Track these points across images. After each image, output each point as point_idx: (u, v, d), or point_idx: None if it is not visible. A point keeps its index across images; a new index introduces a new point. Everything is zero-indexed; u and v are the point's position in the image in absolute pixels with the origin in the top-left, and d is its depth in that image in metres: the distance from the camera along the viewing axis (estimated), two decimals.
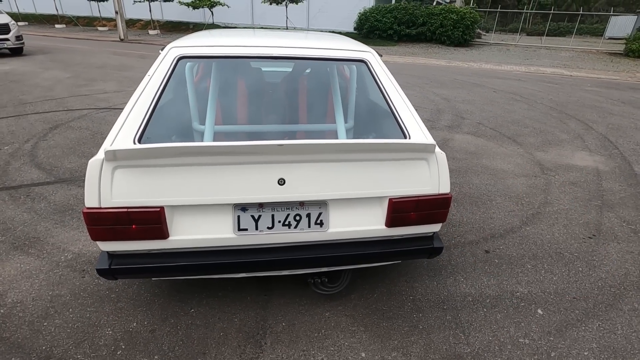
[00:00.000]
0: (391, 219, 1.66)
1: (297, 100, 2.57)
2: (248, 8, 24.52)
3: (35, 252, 2.29)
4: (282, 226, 1.61)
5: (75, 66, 9.70)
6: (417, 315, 1.91)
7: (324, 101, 2.58)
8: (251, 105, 2.51)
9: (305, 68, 2.73)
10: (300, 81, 2.62)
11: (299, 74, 2.71)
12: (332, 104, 2.39)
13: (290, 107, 2.58)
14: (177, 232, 1.56)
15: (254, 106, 2.52)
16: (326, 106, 2.58)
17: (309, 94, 2.56)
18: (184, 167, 1.47)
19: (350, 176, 1.59)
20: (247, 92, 2.52)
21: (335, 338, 1.76)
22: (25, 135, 4.35)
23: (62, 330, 1.74)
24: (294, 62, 2.70)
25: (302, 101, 2.58)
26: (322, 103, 2.58)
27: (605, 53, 17.58)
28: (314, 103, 2.57)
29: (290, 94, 2.59)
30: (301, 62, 2.51)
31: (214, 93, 2.18)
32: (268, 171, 1.51)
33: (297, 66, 2.74)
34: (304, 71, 2.72)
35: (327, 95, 2.57)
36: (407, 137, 1.70)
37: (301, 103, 2.57)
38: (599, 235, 2.73)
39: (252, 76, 2.71)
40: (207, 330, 1.78)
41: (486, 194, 3.29)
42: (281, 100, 2.60)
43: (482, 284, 2.16)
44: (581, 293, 2.13)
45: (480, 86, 8.84)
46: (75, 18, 27.27)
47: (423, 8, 18.94)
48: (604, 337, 1.83)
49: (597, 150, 4.58)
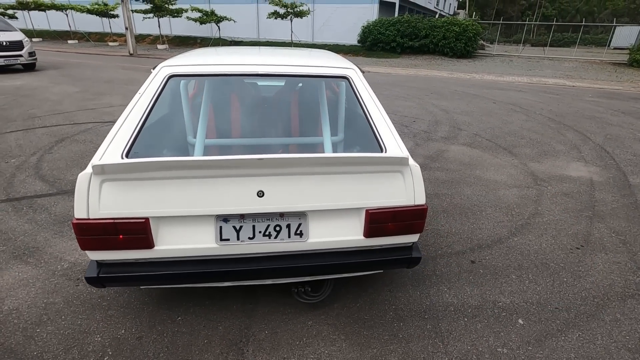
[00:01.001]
0: (369, 229, 1.72)
1: (287, 114, 2.66)
2: (254, 23, 25.07)
3: (34, 262, 2.38)
4: (262, 236, 1.68)
5: (85, 81, 10.00)
6: (397, 324, 1.95)
7: (316, 115, 2.67)
8: (242, 119, 2.61)
9: (297, 83, 2.83)
10: (290, 95, 2.71)
11: (289, 89, 2.81)
12: (318, 118, 2.48)
13: (280, 121, 2.67)
14: (163, 242, 1.63)
15: (245, 120, 2.62)
16: (315, 119, 2.67)
17: (298, 108, 2.66)
18: (168, 180, 1.56)
19: (328, 188, 1.66)
20: (238, 106, 2.62)
21: (315, 346, 1.80)
22: (32, 148, 4.51)
23: (54, 337, 1.81)
24: (285, 78, 2.80)
25: (294, 115, 2.67)
26: (311, 116, 2.67)
27: (609, 63, 17.56)
28: (303, 117, 2.66)
29: (280, 108, 2.69)
30: (289, 78, 2.61)
31: (205, 108, 2.28)
32: (248, 184, 1.59)
33: (288, 81, 2.85)
34: (295, 86, 2.82)
35: (316, 109, 2.66)
36: (384, 150, 1.77)
37: (293, 117, 2.67)
38: (586, 245, 2.75)
39: (243, 91, 2.82)
40: (192, 337, 1.84)
41: (477, 205, 3.32)
42: (271, 114, 2.70)
43: (465, 294, 2.20)
44: (564, 303, 2.15)
45: (480, 97, 8.91)
46: (87, 34, 28.11)
47: (426, 21, 19.19)
48: (582, 347, 1.85)
49: (592, 161, 4.60)
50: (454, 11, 41.14)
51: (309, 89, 2.75)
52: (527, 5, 49.44)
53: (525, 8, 49.47)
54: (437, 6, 34.17)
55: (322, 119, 2.39)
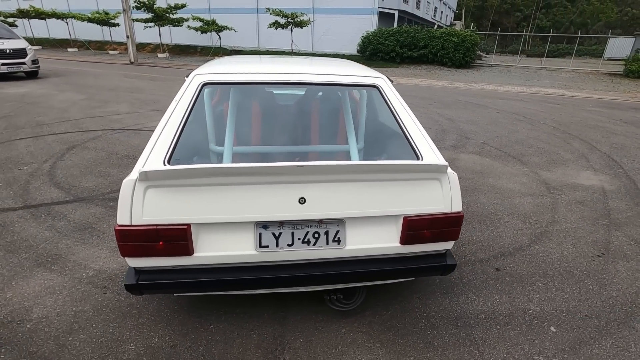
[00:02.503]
0: (406, 236, 1.72)
1: (310, 123, 2.68)
2: (254, 32, 25.31)
3: (58, 269, 2.36)
4: (301, 243, 1.68)
5: (89, 88, 10.01)
6: (431, 332, 1.95)
7: (336, 123, 2.70)
8: (266, 127, 2.63)
9: (317, 92, 2.85)
10: (312, 104, 2.74)
11: (311, 98, 2.84)
12: (344, 125, 2.50)
13: (304, 129, 2.69)
14: (202, 249, 1.63)
15: (270, 128, 2.64)
16: (337, 128, 2.69)
17: (321, 117, 2.68)
18: (210, 187, 1.56)
19: (366, 195, 1.67)
20: (262, 114, 2.64)
21: (352, 354, 1.79)
22: (44, 156, 4.50)
23: (87, 345, 1.79)
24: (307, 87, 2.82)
25: (315, 123, 2.69)
26: (333, 125, 2.69)
27: (605, 74, 17.86)
28: (326, 125, 2.68)
29: (304, 117, 2.71)
30: (316, 87, 2.63)
31: (232, 116, 2.29)
32: (289, 191, 1.60)
33: (310, 90, 2.87)
34: (317, 95, 2.85)
35: (338, 118, 2.68)
36: (420, 158, 1.79)
37: (314, 125, 2.69)
38: (607, 253, 2.77)
39: (267, 99, 2.84)
40: (227, 345, 1.82)
41: (494, 213, 3.34)
42: (295, 122, 2.71)
43: (494, 302, 2.20)
44: (593, 311, 2.16)
45: (483, 107, 9.01)
46: (87, 42, 28.23)
47: (424, 31, 19.46)
48: (618, 355, 1.85)
49: (601, 170, 4.65)
50: (451, 22, 41.77)
51: (330, 98, 2.78)
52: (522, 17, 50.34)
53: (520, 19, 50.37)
54: (435, 17, 34.70)
55: (347, 127, 2.41)
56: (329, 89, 2.72)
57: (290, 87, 3.18)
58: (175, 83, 11.92)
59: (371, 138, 2.54)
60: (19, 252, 2.53)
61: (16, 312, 1.99)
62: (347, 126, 2.41)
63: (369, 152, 2.53)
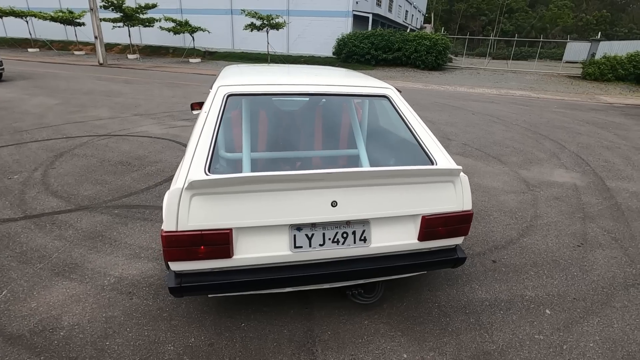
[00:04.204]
0: (423, 233, 1.92)
1: (320, 129, 2.83)
2: (228, 33, 25.08)
3: (77, 278, 2.38)
4: (331, 243, 1.83)
5: (62, 92, 9.66)
6: (445, 320, 2.15)
7: (343, 130, 2.87)
8: (280, 133, 2.75)
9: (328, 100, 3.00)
10: (322, 112, 2.89)
11: (320, 106, 2.98)
12: (352, 132, 2.67)
13: (314, 135, 2.84)
14: (240, 252, 1.75)
15: (283, 134, 2.77)
16: (345, 134, 2.86)
17: (331, 124, 2.84)
18: (249, 194, 1.69)
19: (389, 198, 1.85)
20: (275, 121, 2.76)
21: (377, 343, 1.96)
22: (32, 164, 4.38)
23: (126, 348, 1.86)
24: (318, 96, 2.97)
25: (326, 130, 2.85)
26: (342, 131, 2.86)
27: (565, 76, 19.08)
28: (336, 131, 2.84)
29: (314, 124, 2.86)
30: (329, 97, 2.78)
31: (247, 123, 2.41)
32: (321, 195, 1.75)
33: (318, 99, 3.02)
34: (325, 102, 2.99)
35: (345, 125, 2.85)
36: (435, 163, 1.98)
37: (325, 131, 2.84)
38: (586, 243, 3.09)
39: (278, 107, 2.97)
40: (261, 341, 1.94)
41: (484, 210, 3.62)
42: (307, 128, 2.86)
43: (495, 290, 2.44)
44: (579, 294, 2.44)
45: (459, 109, 9.46)
46: (50, 42, 26.91)
47: (398, 34, 20.02)
48: (604, 331, 2.12)
49: (572, 168, 5.08)
50: (421, 25, 43.06)
51: (338, 106, 2.94)
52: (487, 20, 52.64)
53: (485, 23, 52.64)
54: (406, 20, 35.66)
55: (356, 133, 2.59)
56: (339, 99, 2.87)
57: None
58: (153, 86, 11.69)
59: (382, 144, 2.72)
60: (32, 262, 2.52)
61: (46, 320, 2.02)
62: (355, 132, 2.58)
63: (380, 158, 2.71)
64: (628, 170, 5.07)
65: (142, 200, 3.53)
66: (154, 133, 6.03)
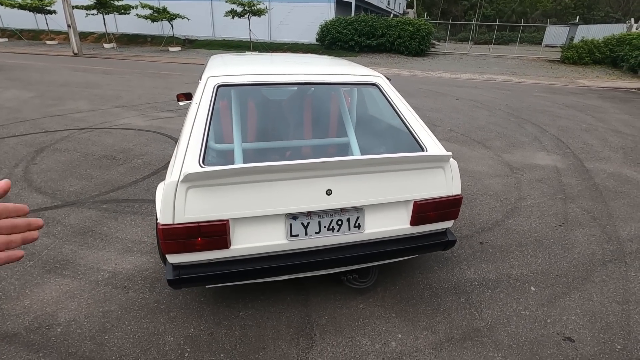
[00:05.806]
0: (415, 218, 1.98)
1: (310, 118, 2.84)
2: (209, 21, 24.43)
3: (70, 274, 2.36)
4: (327, 230, 1.87)
5: (36, 84, 9.30)
6: (436, 300, 2.24)
7: (333, 118, 2.88)
8: (270, 122, 2.75)
9: (317, 89, 3.00)
10: (311, 101, 2.90)
11: (309, 95, 2.99)
12: (341, 120, 2.69)
13: (304, 124, 2.84)
14: (237, 242, 1.77)
15: (272, 123, 2.77)
16: (335, 122, 2.88)
17: (320, 113, 2.85)
18: (244, 185, 1.70)
19: (382, 185, 1.89)
20: (264, 110, 2.75)
21: (373, 325, 2.03)
22: (11, 160, 4.25)
23: (126, 341, 1.87)
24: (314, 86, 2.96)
25: (315, 118, 2.85)
26: (331, 120, 2.87)
27: (545, 60, 19.41)
28: (326, 120, 2.86)
29: (303, 112, 2.86)
30: (320, 86, 2.78)
31: (237, 113, 2.40)
32: (316, 184, 1.77)
33: (307, 87, 3.01)
34: (314, 91, 3.00)
35: (334, 113, 2.87)
36: (425, 149, 2.03)
37: (315, 120, 2.85)
38: (567, 223, 3.23)
39: (267, 96, 2.95)
40: (260, 329, 1.99)
41: (470, 194, 3.72)
42: (296, 117, 2.86)
43: (482, 270, 2.54)
44: (561, 271, 2.56)
45: (443, 95, 9.56)
46: (19, 31, 25.68)
47: (382, 20, 19.91)
48: (584, 304, 2.25)
49: (553, 150, 5.25)
50: (404, 10, 42.85)
51: (329, 95, 2.95)
52: (469, 5, 52.79)
53: (467, 8, 52.79)
54: (389, 6, 35.43)
55: (346, 122, 2.61)
56: (329, 88, 2.87)
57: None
58: (133, 77, 11.37)
59: (371, 132, 2.75)
60: (21, 260, 2.48)
61: (41, 317, 2.01)
62: (345, 121, 2.60)
63: (370, 146, 2.74)
64: (605, 152, 5.27)
65: (130, 194, 3.49)
66: (137, 125, 5.90)
